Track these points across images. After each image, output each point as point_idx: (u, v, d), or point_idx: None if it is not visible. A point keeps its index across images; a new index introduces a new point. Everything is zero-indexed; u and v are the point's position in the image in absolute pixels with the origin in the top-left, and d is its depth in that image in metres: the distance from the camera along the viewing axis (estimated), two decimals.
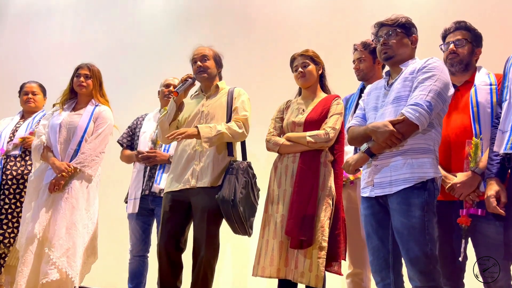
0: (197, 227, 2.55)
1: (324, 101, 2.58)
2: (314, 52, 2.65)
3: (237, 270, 3.90)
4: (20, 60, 5.21)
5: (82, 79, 3.03)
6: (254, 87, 3.49)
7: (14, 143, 3.27)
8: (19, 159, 3.24)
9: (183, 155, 2.64)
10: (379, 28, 2.13)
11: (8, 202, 3.15)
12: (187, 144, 2.65)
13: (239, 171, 2.53)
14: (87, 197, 2.93)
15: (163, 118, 2.70)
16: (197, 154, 2.61)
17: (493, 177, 1.96)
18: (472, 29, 2.28)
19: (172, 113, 2.67)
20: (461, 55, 2.25)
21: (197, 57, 2.73)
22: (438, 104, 1.95)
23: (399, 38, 2.09)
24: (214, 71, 2.75)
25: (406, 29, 2.10)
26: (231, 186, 2.48)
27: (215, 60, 2.76)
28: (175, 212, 2.60)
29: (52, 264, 2.69)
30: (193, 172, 2.58)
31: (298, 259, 2.36)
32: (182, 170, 2.62)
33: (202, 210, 2.53)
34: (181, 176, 2.61)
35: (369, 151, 2.01)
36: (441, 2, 3.73)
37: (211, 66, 2.73)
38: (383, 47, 2.10)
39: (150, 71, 4.47)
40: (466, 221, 2.07)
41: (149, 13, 4.91)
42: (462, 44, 2.25)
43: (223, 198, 2.46)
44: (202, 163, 2.59)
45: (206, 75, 2.72)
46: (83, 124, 2.96)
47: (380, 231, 2.02)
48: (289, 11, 4.26)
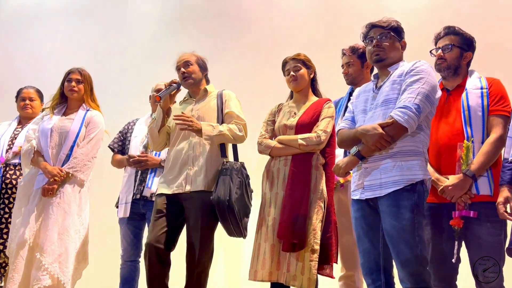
0: (191, 231, 2.54)
1: (316, 105, 2.59)
2: (305, 56, 2.67)
3: (230, 273, 3.89)
4: (11, 64, 5.19)
5: (73, 84, 3.02)
6: (245, 91, 3.50)
7: (13, 152, 3.24)
8: (18, 167, 3.21)
9: (176, 161, 2.63)
10: (370, 29, 2.13)
11: (8, 211, 3.12)
12: (179, 149, 2.64)
13: (233, 171, 2.52)
14: (79, 202, 2.92)
15: (152, 125, 2.71)
16: (190, 159, 2.60)
17: (505, 184, 1.98)
18: (461, 33, 2.29)
19: (160, 119, 2.67)
20: (448, 60, 2.27)
21: (180, 64, 2.74)
22: (426, 106, 1.96)
23: (392, 42, 2.10)
24: (199, 75, 2.75)
25: (397, 33, 2.12)
26: (226, 187, 2.47)
27: (199, 64, 2.77)
28: (168, 213, 2.57)
29: (44, 270, 2.67)
30: (187, 177, 2.57)
31: (290, 262, 2.36)
32: (175, 175, 2.61)
33: (196, 214, 2.52)
34: (174, 181, 2.60)
35: (359, 154, 2.01)
36: (432, 7, 3.77)
37: (195, 70, 2.74)
38: (376, 48, 2.10)
39: (141, 75, 4.46)
40: (459, 223, 2.09)
41: (140, 17, 4.91)
42: (450, 49, 2.27)
43: (218, 198, 2.45)
44: (196, 167, 2.58)
45: (192, 81, 2.73)
46: (75, 129, 2.95)
47: (371, 234, 2.02)
48: (281, 16, 4.29)
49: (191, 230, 2.54)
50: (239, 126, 2.64)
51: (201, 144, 2.60)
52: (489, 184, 2.12)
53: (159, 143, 2.74)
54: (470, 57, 2.29)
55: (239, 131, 2.62)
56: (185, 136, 2.65)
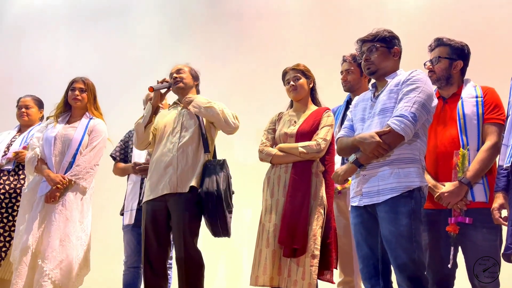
0: (176, 231, 2.56)
1: (315, 114, 2.64)
2: (305, 66, 2.72)
3: (231, 279, 3.91)
4: (13, 73, 5.23)
5: (77, 93, 3.06)
6: (245, 99, 3.55)
7: (7, 158, 3.27)
8: (12, 173, 3.24)
9: (159, 164, 2.66)
10: (362, 44, 2.19)
11: (0, 217, 3.15)
12: (163, 151, 2.68)
13: (217, 167, 2.59)
14: (81, 209, 2.94)
15: (140, 121, 2.76)
16: (174, 160, 2.63)
17: (499, 191, 2.01)
18: (449, 44, 2.33)
19: (148, 115, 2.73)
20: (437, 72, 2.32)
21: (173, 71, 2.85)
22: (423, 115, 2.00)
23: (380, 53, 2.15)
24: (190, 82, 2.83)
25: (387, 42, 2.16)
26: (212, 179, 2.53)
27: (191, 74, 2.86)
28: (157, 224, 2.62)
29: (46, 275, 2.70)
30: (171, 179, 2.60)
31: (291, 267, 2.40)
32: (159, 177, 2.64)
33: (179, 214, 2.55)
34: (158, 184, 2.63)
35: (357, 161, 2.05)
36: (428, 15, 3.83)
37: (187, 77, 2.82)
38: (365, 63, 2.17)
39: (141, 84, 4.50)
40: (455, 229, 2.13)
41: (141, 26, 4.97)
42: (437, 62, 2.32)
43: (207, 190, 2.50)
44: (179, 168, 2.61)
45: (182, 85, 2.79)
46: (78, 137, 2.99)
47: (369, 239, 2.06)
48: (280, 26, 4.35)
49: (176, 230, 2.57)
50: (234, 115, 2.70)
51: (185, 144, 2.65)
52: (485, 191, 2.16)
53: (143, 140, 2.78)
54: (460, 65, 2.32)
55: (233, 118, 2.67)
56: (169, 138, 2.70)
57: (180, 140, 2.66)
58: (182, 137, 2.67)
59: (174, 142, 2.67)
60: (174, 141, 2.68)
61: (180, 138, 2.67)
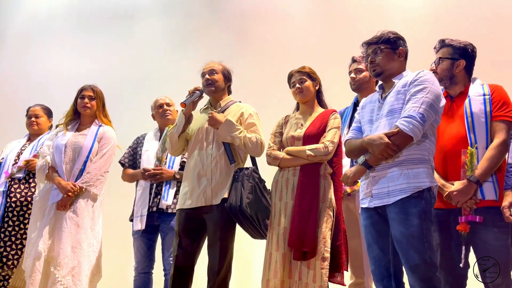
0: (211, 243, 2.61)
1: (322, 116, 2.64)
2: (310, 68, 2.73)
3: (241, 282, 3.91)
4: (21, 82, 5.28)
5: (86, 101, 3.09)
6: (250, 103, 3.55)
7: (18, 166, 3.30)
8: (23, 181, 3.28)
9: (194, 172, 2.68)
10: (367, 47, 2.20)
11: (12, 225, 3.18)
12: (197, 162, 2.69)
13: (244, 177, 2.58)
14: (92, 216, 2.97)
15: (172, 130, 2.76)
16: (208, 171, 2.65)
17: (509, 188, 2.01)
18: (451, 44, 2.34)
19: (181, 125, 2.72)
20: (439, 73, 2.33)
21: (206, 71, 2.80)
22: (431, 115, 2.00)
23: (385, 54, 2.15)
24: (222, 84, 2.81)
25: (391, 44, 2.17)
26: (237, 193, 2.53)
27: (224, 74, 2.83)
28: (190, 231, 2.66)
29: (58, 282, 2.72)
30: (206, 190, 2.63)
31: (302, 270, 2.40)
32: (194, 187, 2.66)
33: (215, 226, 2.59)
34: (193, 194, 2.65)
35: (366, 163, 2.06)
36: (431, 15, 3.83)
37: (219, 79, 2.80)
38: (371, 65, 2.18)
39: (148, 91, 4.52)
40: (465, 228, 2.12)
41: (147, 34, 5.00)
42: (439, 63, 2.34)
43: (230, 205, 2.52)
44: (213, 179, 2.63)
45: (213, 88, 2.78)
46: (88, 144, 3.02)
47: (380, 241, 2.06)
48: (285, 29, 4.37)
49: (211, 242, 2.61)
50: (258, 137, 2.69)
51: (218, 156, 2.66)
52: (494, 189, 2.15)
53: (177, 148, 2.80)
54: (463, 64, 2.31)
55: (255, 141, 2.65)
56: (202, 146, 2.71)
57: (213, 151, 2.67)
58: (216, 148, 2.67)
59: (208, 153, 2.68)
60: (208, 152, 2.68)
61: (213, 149, 2.67)
